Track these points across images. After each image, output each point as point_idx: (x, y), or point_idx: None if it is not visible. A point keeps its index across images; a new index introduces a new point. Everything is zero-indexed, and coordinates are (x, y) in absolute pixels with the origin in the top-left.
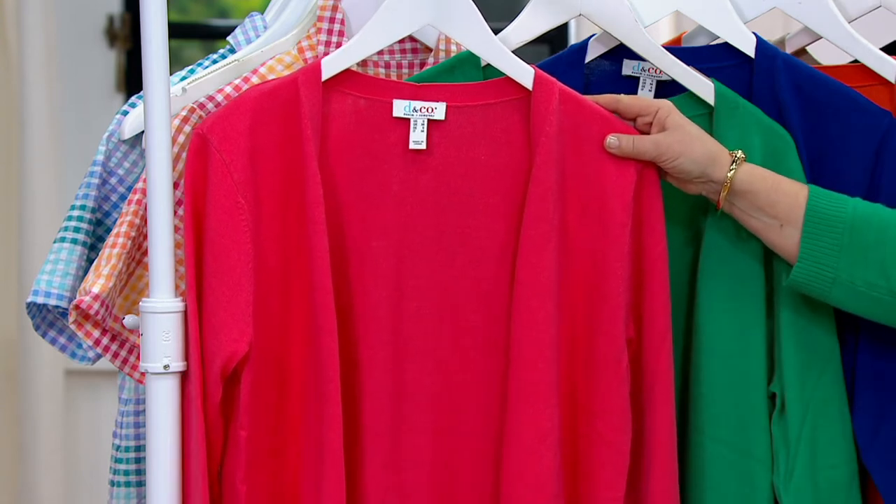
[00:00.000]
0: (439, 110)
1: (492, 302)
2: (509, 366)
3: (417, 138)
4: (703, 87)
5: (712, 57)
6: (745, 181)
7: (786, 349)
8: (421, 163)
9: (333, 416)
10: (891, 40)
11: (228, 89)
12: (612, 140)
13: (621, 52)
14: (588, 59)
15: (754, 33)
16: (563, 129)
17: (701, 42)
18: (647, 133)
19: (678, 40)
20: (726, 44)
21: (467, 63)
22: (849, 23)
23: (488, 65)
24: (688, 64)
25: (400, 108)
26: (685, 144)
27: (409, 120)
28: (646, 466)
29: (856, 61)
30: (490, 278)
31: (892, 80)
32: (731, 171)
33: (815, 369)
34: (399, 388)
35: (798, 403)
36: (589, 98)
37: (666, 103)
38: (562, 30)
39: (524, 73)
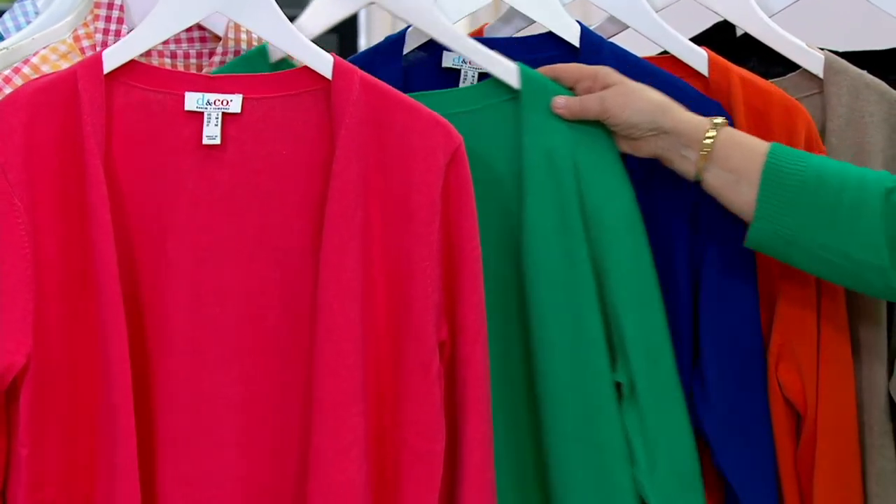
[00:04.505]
0: (235, 103)
1: (296, 306)
2: (312, 373)
3: (211, 133)
4: (507, 71)
5: (538, 47)
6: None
7: (629, 333)
8: (216, 159)
9: (126, 430)
10: (697, 32)
11: None
12: (559, 101)
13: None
14: (406, 50)
15: (578, 22)
16: (364, 120)
17: (506, 32)
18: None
19: (480, 31)
20: (550, 33)
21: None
22: (656, 13)
23: (281, 60)
24: (514, 55)
25: (192, 100)
26: (629, 96)
27: (202, 113)
28: (460, 475)
29: (664, 52)
30: (293, 281)
31: (705, 73)
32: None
33: (655, 354)
34: (199, 399)
35: (650, 390)
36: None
37: (604, 66)
38: (352, 19)
39: (323, 62)
